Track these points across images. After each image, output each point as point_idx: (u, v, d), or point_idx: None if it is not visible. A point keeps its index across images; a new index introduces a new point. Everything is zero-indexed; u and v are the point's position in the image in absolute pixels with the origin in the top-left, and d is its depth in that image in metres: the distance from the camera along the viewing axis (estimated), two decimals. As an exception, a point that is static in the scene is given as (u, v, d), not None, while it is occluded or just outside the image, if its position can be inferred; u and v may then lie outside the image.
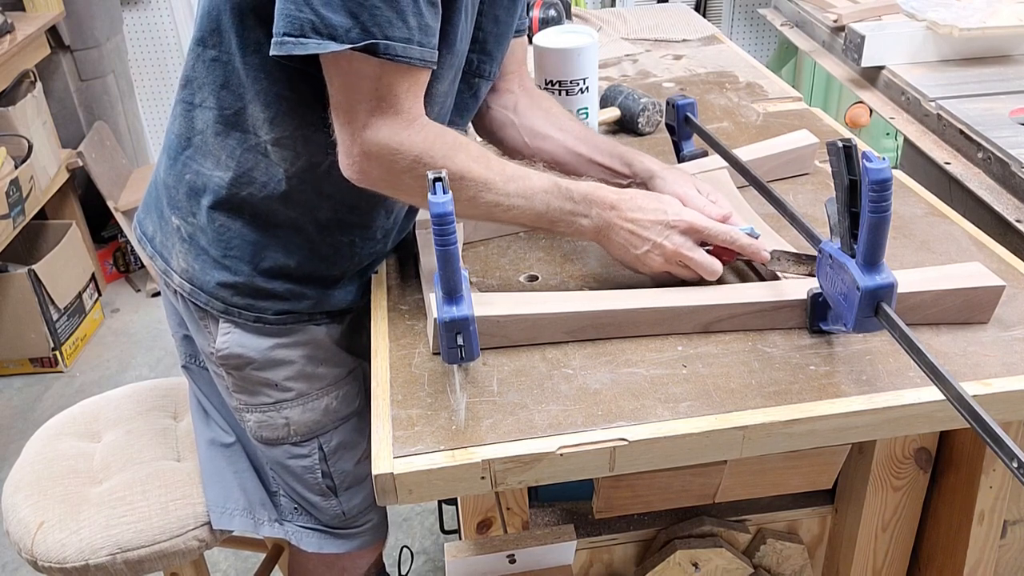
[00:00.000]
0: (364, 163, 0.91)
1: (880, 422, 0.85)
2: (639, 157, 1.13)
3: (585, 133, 1.19)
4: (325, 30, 0.83)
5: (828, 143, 0.82)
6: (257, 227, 1.05)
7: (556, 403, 0.86)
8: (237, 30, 0.94)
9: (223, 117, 1.00)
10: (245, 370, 1.12)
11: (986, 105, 1.64)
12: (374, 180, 0.93)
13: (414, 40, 0.86)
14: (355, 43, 0.83)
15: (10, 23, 2.61)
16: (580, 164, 1.16)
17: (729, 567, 1.08)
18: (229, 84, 0.98)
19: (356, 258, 1.10)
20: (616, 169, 1.14)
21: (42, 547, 1.25)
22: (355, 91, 0.88)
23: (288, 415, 1.15)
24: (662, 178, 1.08)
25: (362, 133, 0.90)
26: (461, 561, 0.95)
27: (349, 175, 0.94)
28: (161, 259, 1.12)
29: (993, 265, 1.02)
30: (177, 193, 1.07)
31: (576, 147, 1.16)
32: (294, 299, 1.09)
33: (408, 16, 0.85)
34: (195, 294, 1.09)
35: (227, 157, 1.01)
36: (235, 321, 1.09)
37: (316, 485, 1.21)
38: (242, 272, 1.06)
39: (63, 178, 2.84)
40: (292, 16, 0.83)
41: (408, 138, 0.90)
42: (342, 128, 0.91)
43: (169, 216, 1.09)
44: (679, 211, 0.97)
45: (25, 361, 2.70)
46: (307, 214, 1.05)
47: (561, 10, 1.91)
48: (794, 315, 0.95)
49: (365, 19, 0.83)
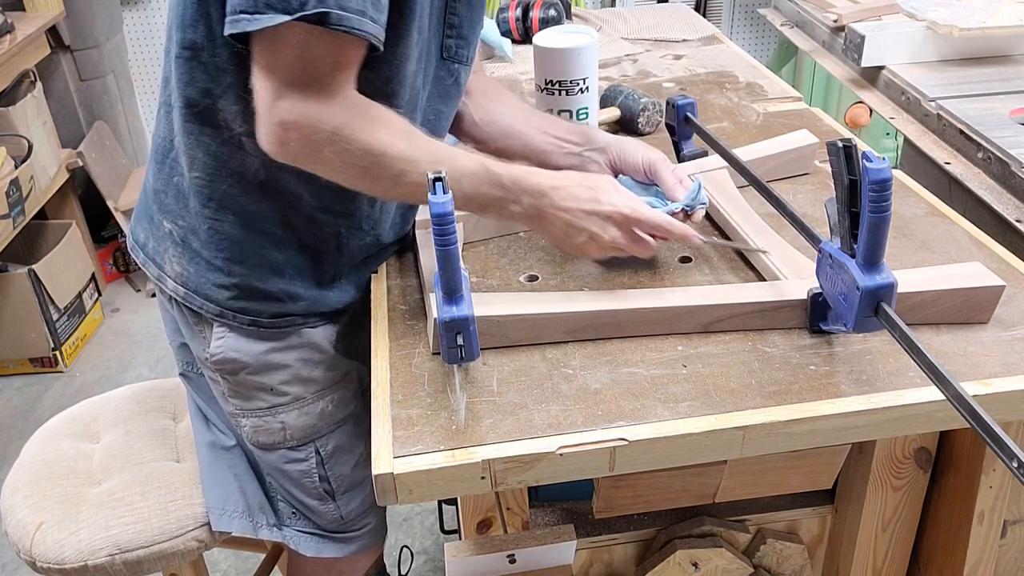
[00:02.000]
0: (282, 133, 0.89)
1: (880, 422, 0.85)
2: (596, 131, 1.17)
3: (536, 112, 1.23)
4: (279, 4, 0.81)
5: (828, 143, 0.82)
6: (244, 224, 1.04)
7: (556, 403, 0.86)
8: (205, 23, 0.93)
9: (194, 115, 0.99)
10: (240, 375, 1.12)
11: (986, 105, 1.64)
12: (293, 153, 0.91)
13: (367, 14, 0.84)
14: (308, 12, 0.81)
15: (10, 23, 2.61)
16: (531, 136, 1.17)
17: (729, 567, 1.08)
18: (195, 81, 0.97)
19: (346, 251, 1.09)
20: (568, 139, 1.16)
21: (41, 548, 1.25)
22: (278, 58, 0.86)
23: (284, 419, 1.15)
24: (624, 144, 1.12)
25: (281, 103, 0.87)
26: (461, 561, 0.95)
27: (267, 147, 0.91)
28: (154, 265, 1.12)
29: (993, 265, 1.02)
30: (166, 197, 1.07)
31: (528, 119, 1.18)
32: (289, 300, 1.09)
33: None
34: (190, 298, 1.09)
35: (203, 154, 1.01)
36: (230, 325, 1.09)
37: (314, 489, 1.21)
38: (236, 272, 1.06)
39: (63, 178, 2.84)
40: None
41: (328, 109, 0.88)
42: (261, 95, 0.88)
43: (160, 221, 1.09)
44: (612, 199, 0.97)
45: (25, 361, 2.70)
46: (290, 206, 1.04)
47: (561, 10, 1.91)
48: (794, 315, 0.95)
49: None
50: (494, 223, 1.15)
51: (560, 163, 1.16)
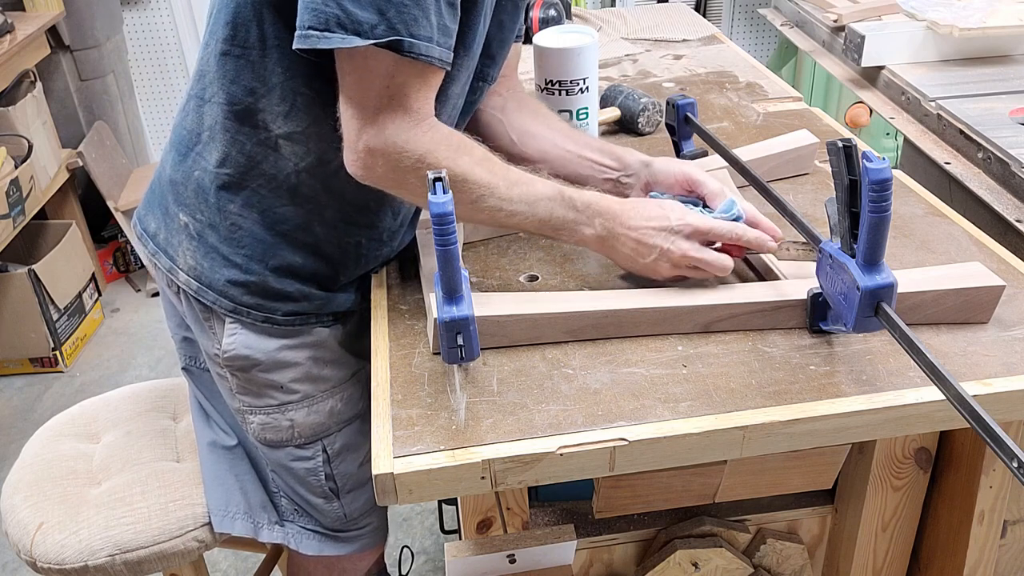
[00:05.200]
0: (368, 159, 0.91)
1: (880, 422, 0.85)
2: (628, 151, 1.15)
3: (573, 130, 1.20)
4: (351, 25, 0.83)
5: (828, 143, 0.82)
6: (266, 225, 1.05)
7: (556, 403, 0.86)
8: (257, 23, 0.94)
9: (233, 112, 0.99)
10: (251, 372, 1.12)
11: (986, 105, 1.64)
12: (378, 177, 0.93)
13: (435, 39, 0.86)
14: (380, 39, 0.83)
15: (10, 23, 2.61)
16: (569, 159, 1.16)
17: (729, 567, 1.08)
18: (240, 79, 0.98)
19: (362, 260, 1.10)
20: (605, 163, 1.15)
21: (41, 548, 1.25)
22: (368, 87, 0.88)
23: (293, 417, 1.15)
24: (655, 164, 1.11)
25: (369, 129, 0.90)
26: (461, 561, 0.95)
27: (353, 171, 0.93)
28: (166, 256, 1.11)
29: (993, 265, 1.02)
30: (186, 190, 1.07)
31: (564, 143, 1.17)
32: (303, 299, 1.09)
33: (431, 15, 0.85)
34: (202, 292, 1.08)
35: (237, 152, 1.01)
36: (243, 321, 1.09)
37: (319, 487, 1.21)
38: (253, 271, 1.06)
39: (63, 178, 2.84)
40: (318, 10, 0.83)
41: (414, 137, 0.90)
42: (350, 122, 0.91)
43: (176, 213, 1.09)
44: (682, 215, 0.97)
45: (25, 361, 2.70)
46: (315, 212, 1.04)
47: (561, 10, 1.91)
48: (794, 315, 0.95)
49: (392, 15, 0.83)
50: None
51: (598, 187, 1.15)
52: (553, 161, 1.16)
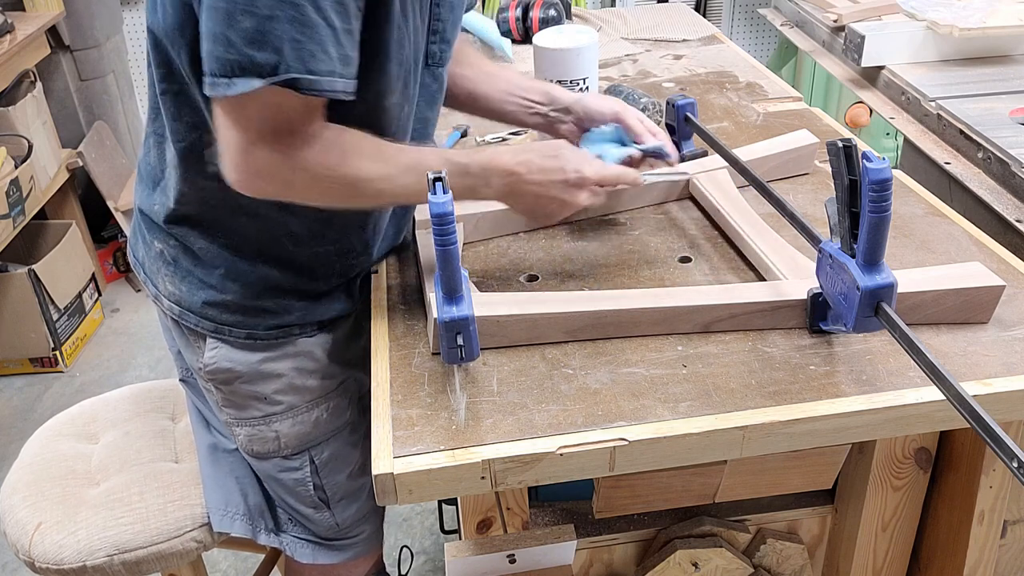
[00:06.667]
0: (258, 182, 0.91)
1: (880, 422, 0.85)
2: (557, 87, 1.20)
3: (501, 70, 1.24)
4: (252, 68, 0.82)
5: (828, 143, 0.82)
6: (233, 247, 1.05)
7: (556, 403, 0.86)
8: (179, 62, 0.94)
9: (181, 148, 1.00)
10: (233, 384, 1.12)
11: (986, 105, 1.64)
12: (272, 195, 0.94)
13: (336, 72, 0.85)
14: (278, 77, 0.83)
15: (10, 23, 2.61)
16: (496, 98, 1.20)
17: (729, 567, 1.08)
18: (182, 115, 0.98)
19: (340, 268, 1.10)
20: (532, 99, 1.19)
21: (40, 548, 1.25)
22: (251, 117, 0.87)
23: (278, 428, 1.14)
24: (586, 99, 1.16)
25: (255, 152, 0.89)
26: (461, 561, 0.95)
27: (243, 191, 0.92)
28: (151, 284, 1.13)
29: (993, 265, 1.02)
30: (155, 221, 1.08)
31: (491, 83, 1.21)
32: (284, 312, 1.09)
33: (329, 47, 0.84)
34: (184, 316, 1.09)
35: (189, 188, 1.02)
36: (225, 339, 1.09)
37: (308, 498, 1.20)
38: (229, 289, 1.07)
39: (63, 178, 2.84)
40: (220, 58, 0.83)
41: (299, 154, 0.90)
42: (231, 147, 0.89)
43: (151, 241, 1.10)
44: (576, 166, 1.02)
45: (25, 361, 2.70)
46: (279, 227, 1.05)
47: (561, 10, 1.91)
48: (794, 315, 0.95)
49: (287, 53, 0.82)
50: (494, 223, 1.15)
51: (527, 123, 1.21)
52: (479, 100, 1.20)
